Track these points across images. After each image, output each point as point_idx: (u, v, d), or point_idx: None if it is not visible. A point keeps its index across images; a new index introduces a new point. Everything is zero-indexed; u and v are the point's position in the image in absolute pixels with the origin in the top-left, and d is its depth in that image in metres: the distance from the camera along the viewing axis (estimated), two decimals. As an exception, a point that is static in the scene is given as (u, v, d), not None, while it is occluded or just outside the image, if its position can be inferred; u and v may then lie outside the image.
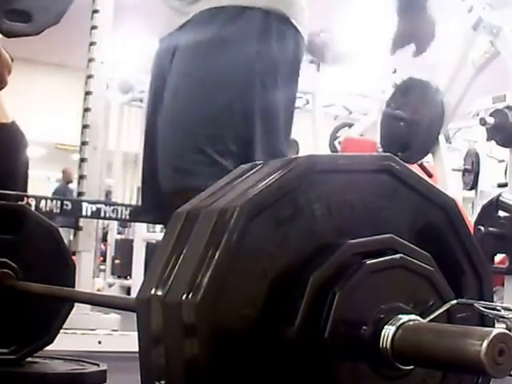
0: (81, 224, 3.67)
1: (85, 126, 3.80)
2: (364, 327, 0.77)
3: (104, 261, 7.61)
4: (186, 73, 1.58)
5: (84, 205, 3.46)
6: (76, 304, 2.29)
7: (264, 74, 1.56)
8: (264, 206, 0.77)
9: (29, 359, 2.09)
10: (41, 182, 11.49)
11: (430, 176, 4.24)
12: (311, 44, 5.61)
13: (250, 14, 1.56)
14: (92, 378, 2.08)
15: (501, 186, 5.19)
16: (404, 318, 0.77)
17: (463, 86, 4.06)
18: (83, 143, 3.80)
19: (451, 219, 0.90)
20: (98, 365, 2.18)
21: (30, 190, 3.48)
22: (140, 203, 1.87)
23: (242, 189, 0.80)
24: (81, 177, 3.77)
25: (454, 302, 0.83)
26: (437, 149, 4.18)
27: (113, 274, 7.45)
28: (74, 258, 2.74)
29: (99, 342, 3.34)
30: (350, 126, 6.50)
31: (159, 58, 1.69)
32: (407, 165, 0.88)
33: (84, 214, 3.46)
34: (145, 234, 6.25)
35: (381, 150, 4.48)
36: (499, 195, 3.74)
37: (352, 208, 0.83)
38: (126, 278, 7.02)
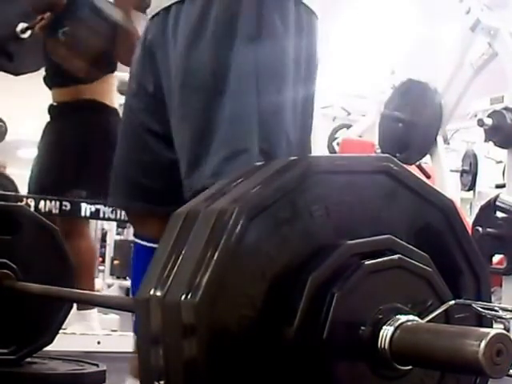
0: (80, 225, 3.66)
1: (84, 127, 3.79)
2: (362, 327, 0.77)
3: (103, 261, 7.60)
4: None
5: (83, 205, 3.45)
6: (75, 304, 2.29)
7: (297, 69, 1.52)
8: (263, 207, 0.77)
9: (28, 359, 2.09)
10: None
11: (428, 177, 4.23)
12: None
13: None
14: (91, 378, 2.08)
15: (499, 186, 5.19)
16: (402, 318, 0.77)
17: (461, 87, 4.06)
18: (82, 144, 3.79)
19: (449, 220, 0.90)
20: (97, 365, 2.18)
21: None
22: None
23: (241, 190, 0.80)
24: (80, 177, 3.75)
25: (452, 302, 0.83)
26: (435, 150, 4.17)
27: (112, 274, 7.44)
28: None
29: (98, 343, 3.33)
30: (349, 127, 6.48)
31: (153, 34, 1.52)
32: (405, 166, 0.88)
33: (83, 214, 3.46)
34: (143, 234, 6.22)
35: (379, 151, 4.47)
36: (497, 196, 3.73)
37: (350, 209, 0.83)
38: (124, 278, 7.01)
